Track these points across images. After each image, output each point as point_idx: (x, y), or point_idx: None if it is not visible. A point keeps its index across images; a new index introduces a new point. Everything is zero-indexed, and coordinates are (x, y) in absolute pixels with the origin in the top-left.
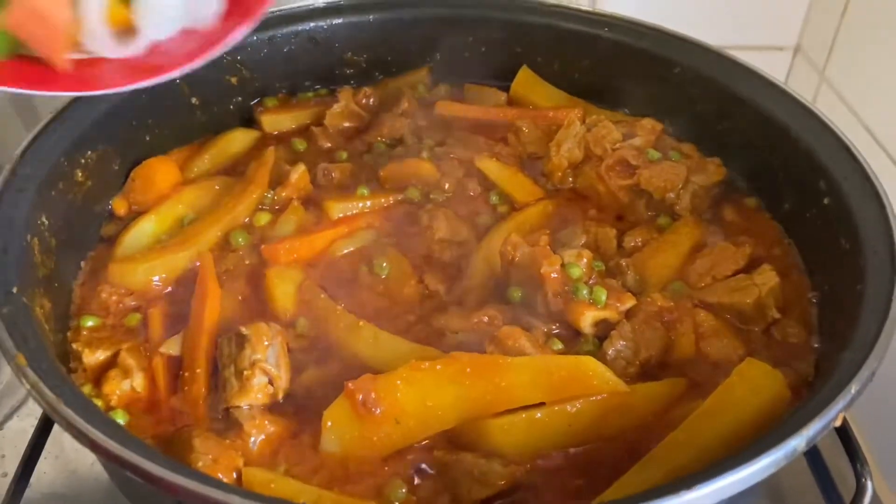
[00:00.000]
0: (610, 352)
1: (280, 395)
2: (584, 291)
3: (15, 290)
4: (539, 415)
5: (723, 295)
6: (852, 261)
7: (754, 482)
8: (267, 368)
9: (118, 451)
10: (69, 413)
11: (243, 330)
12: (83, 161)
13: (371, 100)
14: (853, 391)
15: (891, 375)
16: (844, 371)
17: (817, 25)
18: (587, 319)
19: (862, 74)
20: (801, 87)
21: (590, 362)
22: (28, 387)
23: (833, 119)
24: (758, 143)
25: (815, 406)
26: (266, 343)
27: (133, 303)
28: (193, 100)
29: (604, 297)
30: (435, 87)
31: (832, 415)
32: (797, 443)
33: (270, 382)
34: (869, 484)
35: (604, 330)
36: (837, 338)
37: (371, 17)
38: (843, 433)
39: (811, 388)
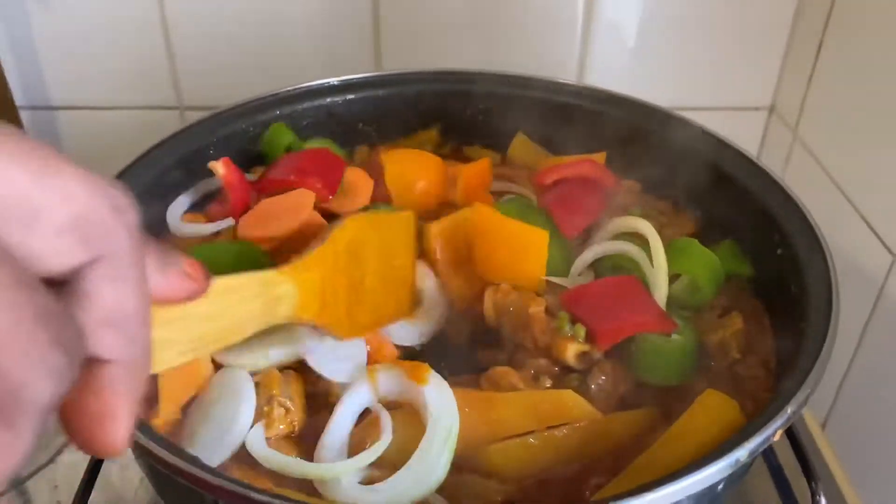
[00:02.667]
0: (593, 386)
1: (297, 427)
2: (567, 327)
3: None
4: (531, 440)
5: None
6: (799, 304)
7: (709, 485)
8: (283, 401)
9: (173, 461)
10: (137, 434)
11: (255, 378)
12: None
13: None
14: (789, 412)
15: (867, 403)
16: (784, 396)
17: (789, 86)
18: (570, 352)
19: (831, 132)
20: (776, 146)
21: (569, 395)
22: None
23: (805, 175)
24: (723, 201)
25: (757, 424)
26: (279, 382)
27: None
28: None
29: (583, 333)
30: (439, 149)
31: (771, 431)
32: (740, 453)
33: (287, 413)
34: (822, 499)
35: (588, 364)
36: (786, 370)
37: (380, 92)
38: (799, 452)
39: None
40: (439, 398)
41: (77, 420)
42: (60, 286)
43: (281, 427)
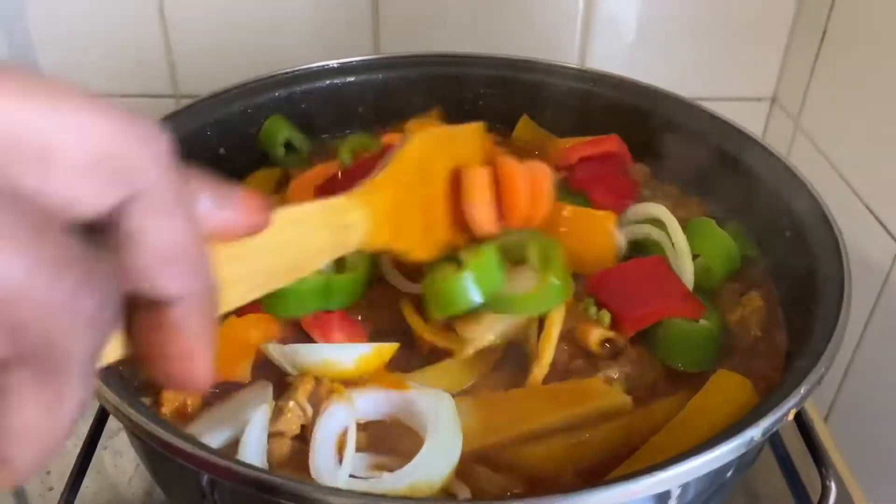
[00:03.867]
0: (619, 375)
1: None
2: (592, 311)
3: None
4: (573, 442)
5: None
6: (809, 286)
7: (723, 463)
8: (304, 405)
9: (168, 438)
10: (131, 412)
11: (290, 378)
12: None
13: None
14: (802, 392)
15: (869, 395)
16: (797, 376)
17: (791, 76)
18: (594, 336)
19: (833, 122)
20: (779, 136)
21: (593, 382)
22: (94, 393)
23: (808, 165)
24: (730, 184)
25: (771, 403)
26: (307, 390)
27: None
28: (221, 150)
29: (608, 319)
30: None
31: (784, 410)
32: (754, 432)
33: (303, 413)
34: (833, 486)
35: (613, 352)
36: (798, 350)
37: (380, 75)
38: (809, 439)
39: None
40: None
41: (158, 366)
42: (103, 233)
43: (283, 425)
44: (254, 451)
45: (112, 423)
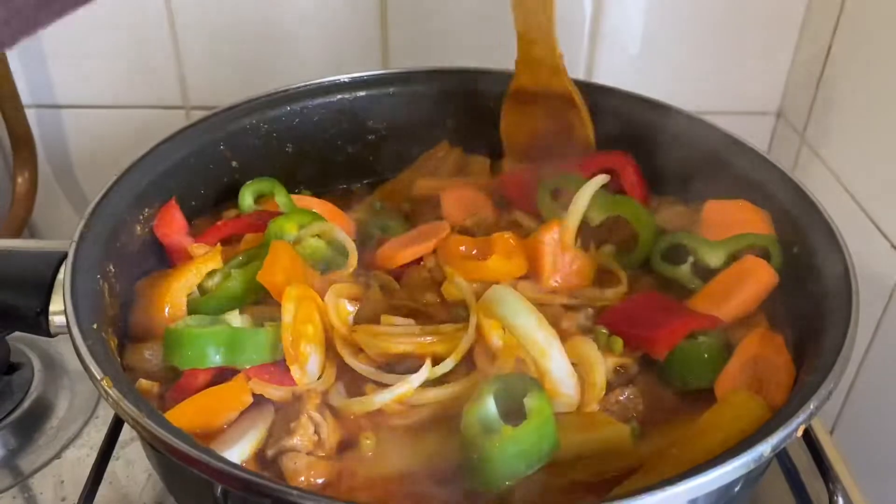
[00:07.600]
0: (626, 396)
1: (325, 448)
2: (603, 339)
3: (95, 326)
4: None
5: None
6: (816, 302)
7: (733, 479)
8: (315, 416)
9: (184, 449)
10: (149, 423)
11: (297, 392)
12: (141, 217)
13: None
14: (812, 407)
15: (874, 409)
16: (806, 392)
17: (796, 90)
18: (608, 364)
19: (839, 136)
20: (784, 150)
21: (596, 413)
22: (113, 405)
23: (813, 179)
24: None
25: (780, 419)
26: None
27: None
28: (234, 163)
29: (620, 346)
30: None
31: (794, 426)
32: (764, 448)
33: (316, 432)
34: (839, 500)
35: (623, 381)
36: (806, 367)
37: (391, 90)
38: (816, 453)
39: None
40: None
41: None
42: None
43: (298, 440)
44: None
45: (124, 433)
